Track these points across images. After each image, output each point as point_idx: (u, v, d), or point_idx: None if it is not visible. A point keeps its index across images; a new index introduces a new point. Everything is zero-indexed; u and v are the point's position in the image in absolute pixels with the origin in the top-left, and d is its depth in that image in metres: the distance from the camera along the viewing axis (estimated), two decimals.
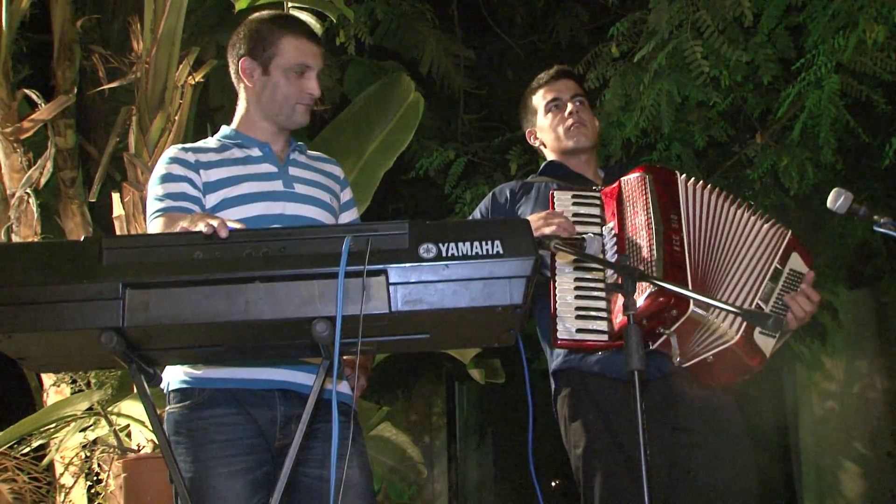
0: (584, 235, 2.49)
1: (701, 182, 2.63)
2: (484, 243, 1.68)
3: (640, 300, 2.31)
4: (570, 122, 2.85)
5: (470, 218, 2.89)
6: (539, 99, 2.93)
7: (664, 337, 2.39)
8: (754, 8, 4.06)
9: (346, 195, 2.58)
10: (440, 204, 6.23)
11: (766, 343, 2.48)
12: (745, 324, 2.43)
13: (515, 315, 1.72)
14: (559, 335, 2.48)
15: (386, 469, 5.74)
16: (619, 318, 2.39)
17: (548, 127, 2.88)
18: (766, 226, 2.65)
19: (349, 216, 2.57)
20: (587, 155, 2.88)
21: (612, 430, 2.48)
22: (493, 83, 7.27)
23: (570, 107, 2.86)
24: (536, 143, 2.97)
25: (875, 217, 2.37)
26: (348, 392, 2.34)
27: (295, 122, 2.43)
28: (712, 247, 2.55)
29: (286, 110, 2.40)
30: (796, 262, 2.65)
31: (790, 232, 2.68)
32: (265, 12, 2.49)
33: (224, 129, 2.49)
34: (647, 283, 2.27)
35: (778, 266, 2.59)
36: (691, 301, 2.33)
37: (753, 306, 2.50)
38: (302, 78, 2.39)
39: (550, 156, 2.93)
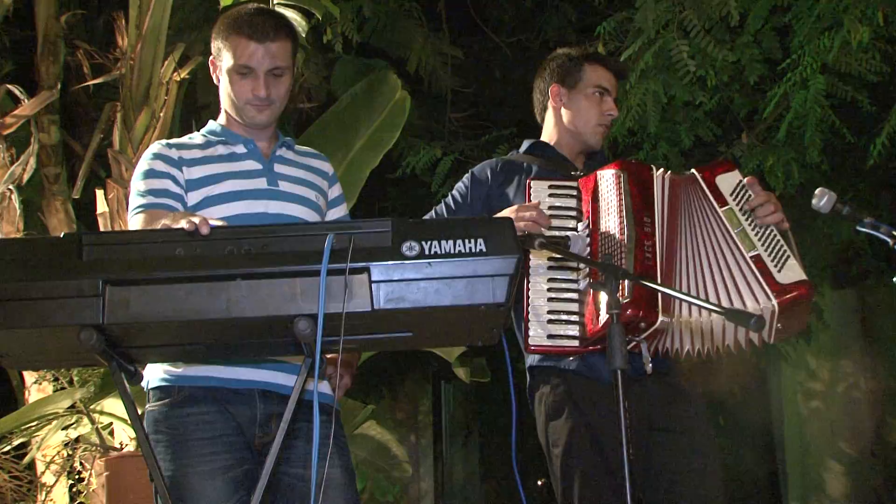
0: (568, 234, 2.48)
1: (674, 175, 2.57)
2: (467, 241, 1.66)
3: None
4: (606, 122, 2.81)
5: (448, 197, 2.83)
6: (593, 74, 2.81)
7: (634, 343, 2.38)
8: (740, 8, 4.07)
9: (335, 191, 2.55)
10: (427, 202, 6.21)
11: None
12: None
13: (499, 313, 1.71)
14: (531, 341, 2.48)
15: (371, 468, 5.73)
16: (600, 318, 2.38)
17: (584, 109, 2.79)
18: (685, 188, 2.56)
19: (337, 212, 2.55)
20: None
21: (592, 430, 2.47)
22: (481, 82, 7.27)
23: (614, 108, 2.81)
24: (554, 105, 2.84)
25: (859, 217, 2.37)
26: (329, 391, 2.33)
27: (252, 121, 2.38)
28: (687, 246, 2.51)
29: (237, 111, 2.37)
30: (727, 182, 2.56)
31: (694, 171, 2.60)
32: (232, 10, 2.41)
33: (210, 125, 2.46)
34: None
35: (722, 210, 2.51)
36: (660, 313, 2.32)
37: (746, 265, 2.45)
38: (246, 79, 2.32)
39: (551, 125, 2.86)
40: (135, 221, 2.24)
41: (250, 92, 2.32)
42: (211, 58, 2.39)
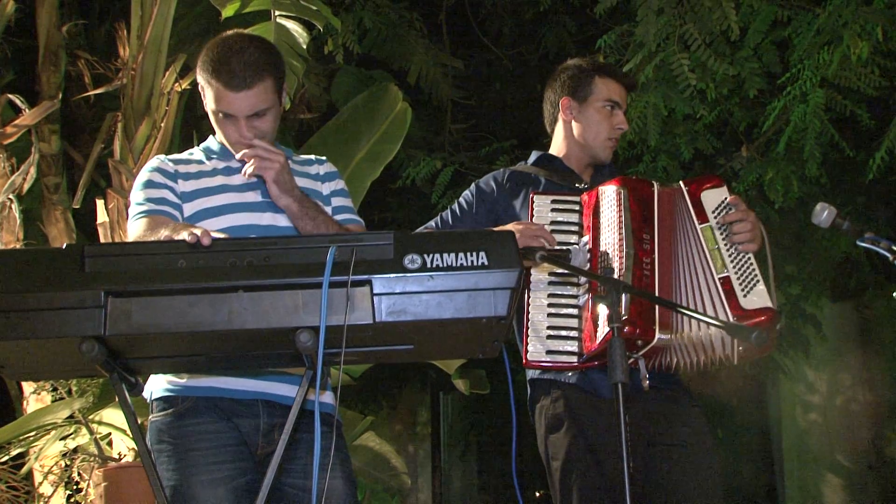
0: (569, 247, 2.48)
1: (664, 187, 2.57)
2: (469, 254, 1.67)
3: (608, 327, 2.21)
4: (616, 135, 2.81)
5: (455, 204, 2.82)
6: (604, 87, 2.79)
7: (631, 360, 2.38)
8: (741, 22, 4.08)
9: (330, 187, 2.52)
10: (427, 213, 6.22)
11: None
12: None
13: (500, 326, 1.71)
14: (529, 356, 2.49)
15: (369, 479, 5.71)
16: (598, 334, 2.37)
17: (594, 121, 2.78)
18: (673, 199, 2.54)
19: (338, 201, 2.51)
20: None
21: (590, 445, 2.47)
22: (481, 93, 7.29)
23: (624, 122, 2.80)
24: (565, 117, 2.84)
25: (859, 231, 2.37)
26: (332, 402, 2.33)
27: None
28: (682, 262, 2.51)
29: (228, 145, 2.38)
30: (712, 198, 2.54)
31: (681, 183, 2.57)
32: (217, 38, 2.34)
33: (209, 141, 2.49)
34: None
35: (700, 227, 2.49)
36: (657, 330, 2.32)
37: (714, 286, 2.44)
38: (229, 121, 2.31)
39: (560, 137, 2.86)
40: (136, 225, 2.25)
41: (235, 133, 2.32)
42: (200, 85, 2.37)
